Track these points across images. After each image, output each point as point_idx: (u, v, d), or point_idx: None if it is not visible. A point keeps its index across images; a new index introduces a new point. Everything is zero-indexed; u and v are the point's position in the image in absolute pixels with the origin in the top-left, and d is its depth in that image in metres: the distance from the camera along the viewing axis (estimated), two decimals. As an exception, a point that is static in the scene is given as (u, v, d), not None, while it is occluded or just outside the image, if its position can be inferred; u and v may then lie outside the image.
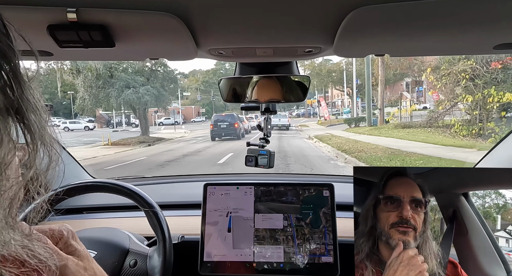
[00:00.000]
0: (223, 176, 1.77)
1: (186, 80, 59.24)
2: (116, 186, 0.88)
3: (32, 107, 0.29)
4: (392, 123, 17.66)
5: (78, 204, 1.25)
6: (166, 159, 10.18)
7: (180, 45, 0.68)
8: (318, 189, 0.96)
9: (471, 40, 0.67)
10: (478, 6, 0.51)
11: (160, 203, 0.90)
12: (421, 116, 16.44)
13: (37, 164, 0.31)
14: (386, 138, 13.16)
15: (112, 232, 0.89)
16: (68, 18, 0.52)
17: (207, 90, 54.01)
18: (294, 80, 0.90)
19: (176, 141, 17.96)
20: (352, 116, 26.04)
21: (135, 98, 16.08)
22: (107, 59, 0.85)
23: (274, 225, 0.94)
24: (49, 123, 0.32)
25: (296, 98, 0.92)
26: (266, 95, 0.90)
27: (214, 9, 0.54)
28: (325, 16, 0.57)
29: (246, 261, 0.92)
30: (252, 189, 0.98)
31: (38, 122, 0.30)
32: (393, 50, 0.75)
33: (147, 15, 0.54)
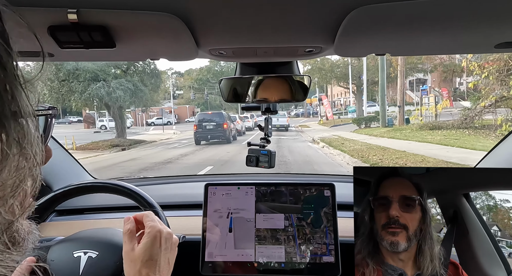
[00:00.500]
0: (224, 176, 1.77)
1: (182, 79, 58.07)
2: (116, 187, 0.88)
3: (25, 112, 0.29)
4: (417, 124, 14.44)
5: (80, 204, 1.26)
6: (114, 174, 7.94)
7: (180, 46, 0.68)
8: (319, 189, 0.96)
9: (472, 39, 0.67)
10: (479, 5, 0.51)
11: (161, 203, 0.90)
12: (451, 115, 13.38)
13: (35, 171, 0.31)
14: (420, 142, 10.27)
15: (113, 232, 0.89)
16: (68, 19, 0.52)
17: (201, 88, 52.41)
18: (295, 80, 0.91)
19: (157, 144, 15.79)
20: (357, 115, 24.42)
21: (104, 94, 13.31)
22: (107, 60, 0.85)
23: (275, 225, 0.94)
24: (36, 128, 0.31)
25: (298, 98, 0.92)
26: (275, 94, 0.90)
27: (214, 9, 0.54)
28: (326, 16, 0.57)
29: (247, 261, 0.92)
30: (253, 189, 0.98)
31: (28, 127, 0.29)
32: (394, 49, 0.75)
33: (147, 15, 0.54)
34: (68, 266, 0.79)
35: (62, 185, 1.01)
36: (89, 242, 0.82)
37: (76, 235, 0.86)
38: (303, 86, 0.90)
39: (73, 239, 0.85)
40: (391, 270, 0.79)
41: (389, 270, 0.80)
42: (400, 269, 0.79)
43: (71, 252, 0.80)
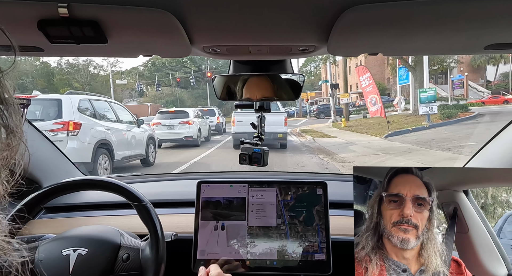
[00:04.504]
0: (216, 174, 1.77)
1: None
2: (102, 182, 0.87)
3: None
4: None
5: (70, 201, 1.24)
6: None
7: (173, 42, 0.68)
8: (311, 187, 0.97)
9: (463, 41, 0.68)
10: (470, 7, 0.52)
11: (154, 200, 0.90)
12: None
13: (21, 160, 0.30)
14: None
15: (102, 228, 0.88)
16: (59, 13, 0.51)
17: (151, 76, 38.81)
18: (287, 79, 0.91)
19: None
20: (416, 107, 13.54)
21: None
22: (99, 56, 0.84)
23: (267, 222, 0.95)
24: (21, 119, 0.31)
25: (289, 97, 0.92)
26: (257, 93, 0.90)
27: (208, 6, 0.54)
28: (320, 15, 0.57)
29: (240, 259, 0.92)
30: (245, 187, 0.98)
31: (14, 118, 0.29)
32: (386, 49, 0.76)
33: (140, 11, 0.53)
34: (58, 264, 0.78)
35: (52, 181, 1.00)
36: (78, 240, 0.82)
37: (65, 234, 0.85)
38: (295, 85, 0.91)
39: (61, 237, 0.84)
40: (395, 266, 0.80)
41: (393, 266, 0.80)
42: (404, 265, 0.79)
43: (59, 250, 0.80)
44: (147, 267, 0.79)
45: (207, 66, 38.51)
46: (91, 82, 43.82)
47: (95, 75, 45.97)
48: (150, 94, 45.53)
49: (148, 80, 41.91)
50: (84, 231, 0.86)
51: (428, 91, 12.73)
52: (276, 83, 0.90)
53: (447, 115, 13.51)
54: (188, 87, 40.03)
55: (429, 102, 12.53)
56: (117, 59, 46.35)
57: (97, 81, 44.43)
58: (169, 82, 40.69)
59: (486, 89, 25.61)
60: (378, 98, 13.87)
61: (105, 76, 41.17)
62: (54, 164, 1.34)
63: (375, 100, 14.06)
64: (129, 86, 44.00)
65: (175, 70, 40.76)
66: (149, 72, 41.60)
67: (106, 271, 0.79)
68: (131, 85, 43.18)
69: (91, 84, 43.19)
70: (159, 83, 35.15)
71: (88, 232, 0.85)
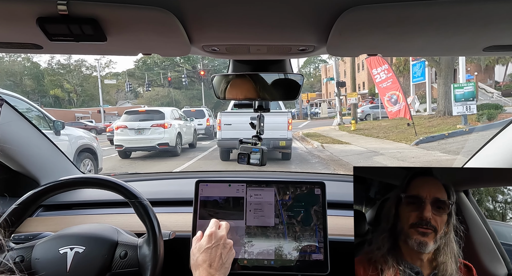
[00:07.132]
0: (215, 173, 1.77)
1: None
2: (99, 180, 0.88)
3: None
4: None
5: (68, 199, 1.24)
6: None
7: (173, 41, 0.68)
8: (309, 187, 0.97)
9: (461, 42, 0.68)
10: (469, 9, 0.52)
11: (152, 199, 0.90)
12: None
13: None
14: None
15: (100, 226, 0.88)
16: (58, 10, 0.51)
17: (142, 76, 36.84)
18: (286, 78, 0.91)
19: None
20: (443, 106, 11.39)
21: None
22: (98, 54, 0.84)
23: (265, 222, 0.95)
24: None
25: (288, 97, 0.92)
26: (256, 92, 0.90)
27: (208, 5, 0.54)
28: (319, 15, 0.57)
29: (237, 258, 0.92)
30: (244, 186, 0.98)
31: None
32: (385, 50, 0.76)
33: (139, 9, 0.53)
34: (55, 263, 0.78)
35: (49, 179, 0.99)
36: (76, 238, 0.82)
37: (62, 232, 0.85)
38: (293, 85, 0.90)
39: (58, 235, 0.84)
40: (408, 269, 0.79)
41: (407, 268, 0.79)
42: (417, 267, 0.78)
43: (56, 249, 0.79)
44: (145, 263, 0.79)
45: (201, 65, 37.60)
46: (83, 83, 43.22)
47: (88, 76, 45.07)
48: (145, 95, 44.06)
49: (139, 80, 39.78)
50: (81, 229, 0.86)
51: (466, 87, 10.18)
52: (275, 83, 0.90)
53: (488, 116, 10.95)
54: (182, 87, 38.22)
55: (466, 100, 10.14)
56: (110, 60, 45.39)
57: (90, 82, 43.56)
58: (161, 83, 38.68)
59: (495, 90, 25.13)
60: (401, 96, 11.48)
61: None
62: (52, 162, 1.33)
63: (396, 98, 11.59)
64: (121, 86, 42.43)
65: (167, 70, 39.09)
66: (140, 71, 39.41)
67: (103, 268, 0.79)
68: (122, 86, 41.37)
69: (83, 85, 42.63)
70: (149, 83, 33.48)
71: (85, 230, 0.85)
